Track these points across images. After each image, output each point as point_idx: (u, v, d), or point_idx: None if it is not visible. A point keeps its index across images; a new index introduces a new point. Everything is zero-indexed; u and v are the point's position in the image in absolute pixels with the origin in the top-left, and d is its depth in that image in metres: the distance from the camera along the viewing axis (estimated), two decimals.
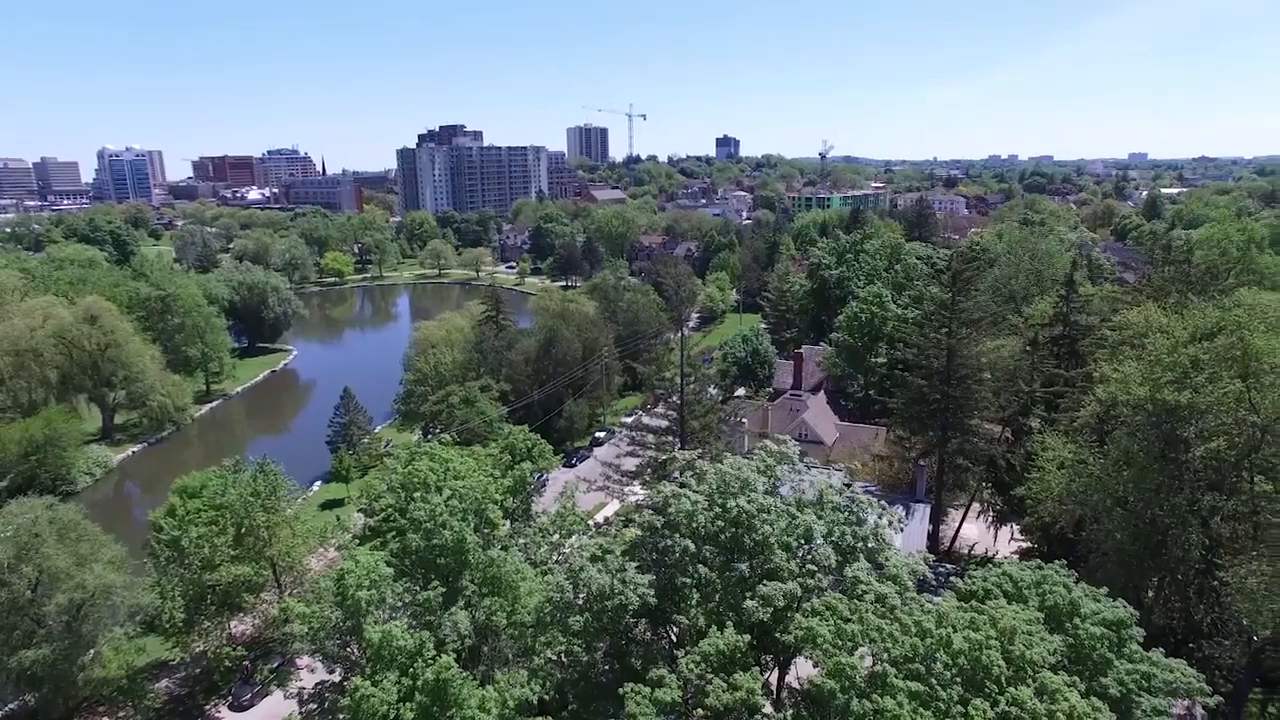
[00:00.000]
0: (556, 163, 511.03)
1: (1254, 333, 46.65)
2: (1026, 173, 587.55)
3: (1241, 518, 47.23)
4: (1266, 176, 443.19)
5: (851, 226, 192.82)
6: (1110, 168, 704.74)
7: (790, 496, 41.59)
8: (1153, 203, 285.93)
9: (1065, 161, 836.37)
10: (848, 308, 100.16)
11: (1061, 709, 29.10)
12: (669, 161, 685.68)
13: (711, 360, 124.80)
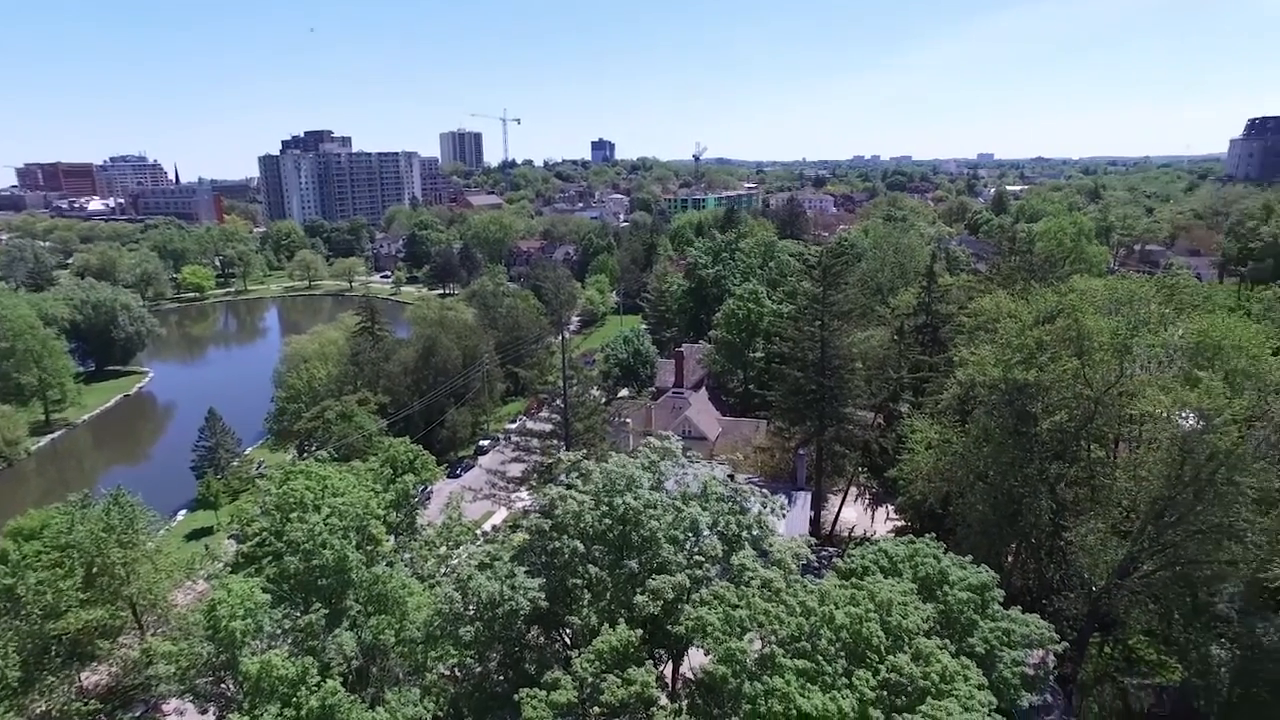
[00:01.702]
0: (430, 169, 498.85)
1: (1085, 315, 51.02)
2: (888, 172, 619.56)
3: (1081, 482, 51.61)
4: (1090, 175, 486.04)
5: (726, 226, 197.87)
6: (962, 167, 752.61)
7: (676, 491, 42.26)
8: (999, 199, 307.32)
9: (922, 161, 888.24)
10: (725, 305, 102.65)
11: (935, 670, 30.94)
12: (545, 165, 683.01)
13: (594, 362, 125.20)
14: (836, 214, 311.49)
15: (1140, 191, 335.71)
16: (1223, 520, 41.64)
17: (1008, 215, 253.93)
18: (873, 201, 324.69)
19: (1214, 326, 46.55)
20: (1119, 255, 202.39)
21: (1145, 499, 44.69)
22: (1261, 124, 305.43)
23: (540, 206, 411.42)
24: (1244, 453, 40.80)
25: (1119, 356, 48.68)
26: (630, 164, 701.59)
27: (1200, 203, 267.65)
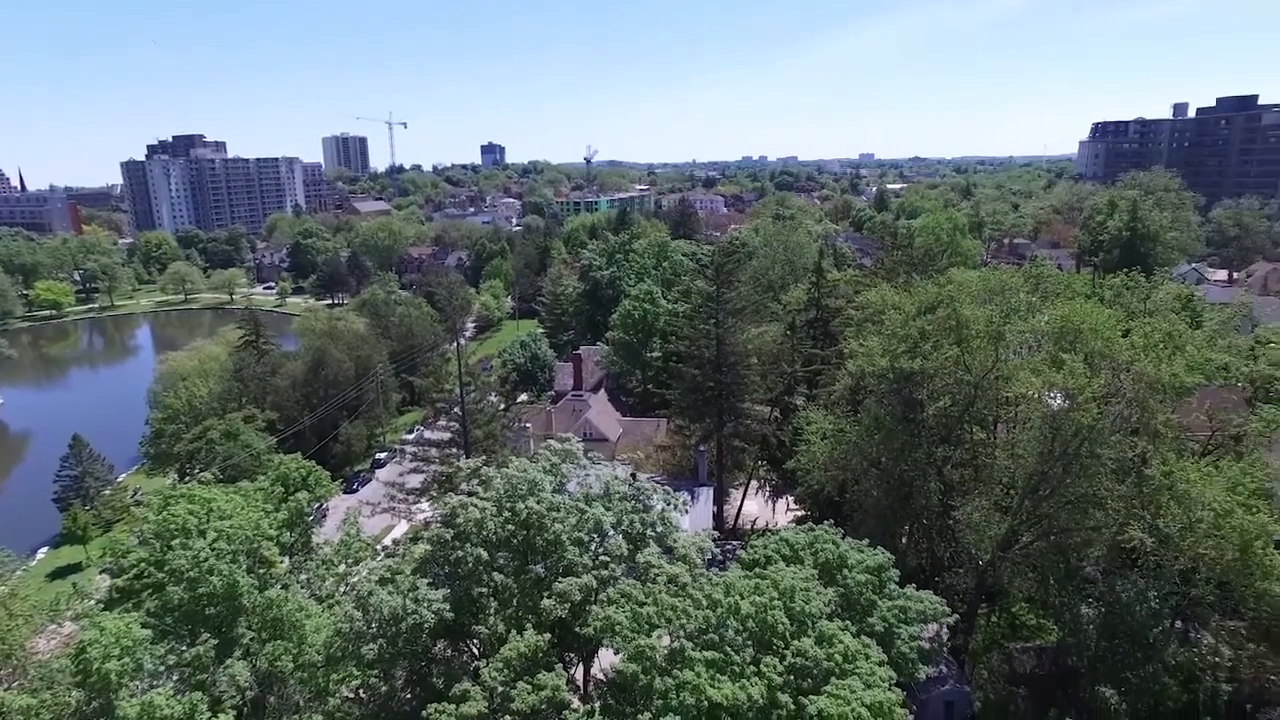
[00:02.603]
0: (313, 175, 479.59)
1: (963, 305, 53.93)
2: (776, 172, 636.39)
3: (966, 463, 54.59)
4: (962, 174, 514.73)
5: (619, 228, 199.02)
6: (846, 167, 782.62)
7: (578, 493, 42.16)
8: (881, 197, 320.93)
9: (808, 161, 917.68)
10: (621, 306, 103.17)
11: (838, 651, 32.03)
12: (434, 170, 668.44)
13: (491, 368, 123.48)
14: (727, 214, 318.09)
15: (1006, 189, 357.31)
16: (1088, 490, 44.89)
17: (889, 212, 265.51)
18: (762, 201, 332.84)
19: (1074, 312, 49.95)
20: (990, 248, 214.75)
21: (1022, 475, 47.64)
22: (1103, 128, 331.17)
23: (431, 212, 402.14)
24: (1103, 427, 44.08)
25: (994, 343, 51.74)
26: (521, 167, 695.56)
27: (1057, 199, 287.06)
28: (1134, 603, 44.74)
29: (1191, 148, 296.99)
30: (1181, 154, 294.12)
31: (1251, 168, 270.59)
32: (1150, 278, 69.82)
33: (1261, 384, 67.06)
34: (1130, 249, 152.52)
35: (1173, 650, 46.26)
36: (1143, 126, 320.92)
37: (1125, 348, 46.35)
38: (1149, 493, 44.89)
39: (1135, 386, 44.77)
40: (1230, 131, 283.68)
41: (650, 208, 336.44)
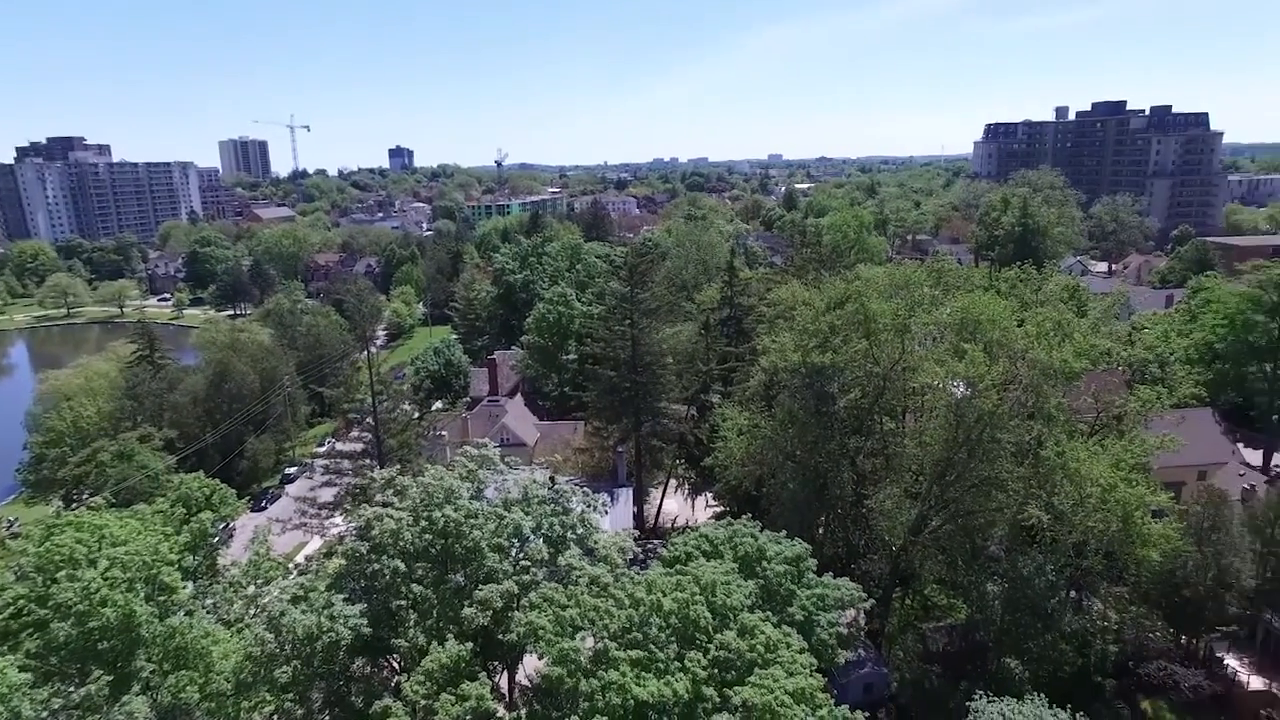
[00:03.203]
0: (210, 180, 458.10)
1: (870, 299, 55.70)
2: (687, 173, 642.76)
3: (877, 453, 56.36)
4: (866, 173, 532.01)
5: (532, 231, 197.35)
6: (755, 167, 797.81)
7: (497, 499, 41.68)
8: (790, 196, 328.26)
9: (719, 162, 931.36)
10: (535, 310, 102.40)
11: (760, 642, 32.58)
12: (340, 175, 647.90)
13: (404, 376, 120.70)
14: (640, 215, 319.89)
15: (908, 187, 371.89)
16: (990, 473, 47.05)
17: (798, 211, 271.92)
18: (674, 202, 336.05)
19: (973, 304, 52.27)
20: (895, 245, 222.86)
21: (930, 462, 49.59)
22: (995, 129, 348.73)
23: (337, 218, 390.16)
24: (1002, 413, 46.30)
25: (900, 335, 53.62)
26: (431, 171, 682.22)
27: (955, 197, 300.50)
28: (1033, 577, 47.19)
29: (1073, 148, 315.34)
30: (1064, 154, 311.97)
31: (1123, 167, 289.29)
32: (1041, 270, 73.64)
33: (1138, 367, 71.80)
34: (1022, 243, 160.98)
35: (1068, 619, 49.05)
36: (1030, 128, 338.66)
37: (1020, 336, 48.83)
38: (1044, 473, 47.43)
39: (1030, 373, 47.18)
40: (1104, 134, 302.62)
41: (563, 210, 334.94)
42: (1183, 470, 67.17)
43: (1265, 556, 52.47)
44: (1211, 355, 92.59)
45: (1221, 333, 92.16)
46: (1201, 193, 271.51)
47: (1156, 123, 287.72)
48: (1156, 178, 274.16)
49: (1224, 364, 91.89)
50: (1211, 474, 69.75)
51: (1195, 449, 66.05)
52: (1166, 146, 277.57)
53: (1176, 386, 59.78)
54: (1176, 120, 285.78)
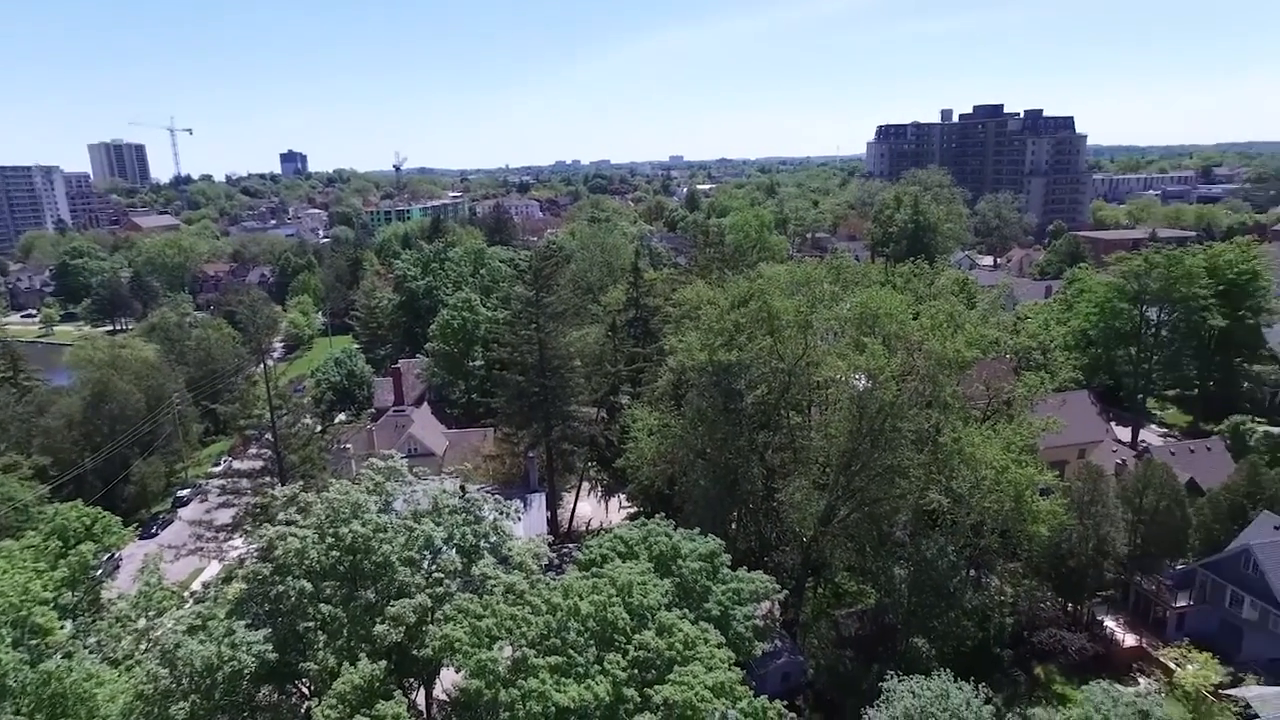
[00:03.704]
0: (80, 186, 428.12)
1: (773, 297, 57.01)
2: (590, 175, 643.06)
3: (785, 447, 57.69)
4: (766, 173, 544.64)
5: (434, 236, 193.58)
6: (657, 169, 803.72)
7: (406, 511, 40.59)
8: (692, 197, 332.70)
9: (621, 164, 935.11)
10: (440, 316, 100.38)
11: (678, 640, 32.83)
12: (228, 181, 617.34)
13: (304, 389, 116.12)
14: (543, 218, 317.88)
15: (807, 187, 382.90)
16: (893, 461, 48.89)
17: (700, 212, 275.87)
18: (577, 204, 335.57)
19: (871, 299, 54.27)
20: (795, 243, 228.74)
21: (836, 453, 51.12)
22: (886, 130, 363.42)
23: (227, 226, 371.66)
24: (902, 403, 48.22)
25: (803, 331, 55.13)
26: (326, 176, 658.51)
27: (851, 196, 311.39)
28: (936, 559, 49.30)
29: (958, 149, 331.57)
30: (951, 154, 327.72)
31: (1003, 166, 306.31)
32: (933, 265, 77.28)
33: (1023, 354, 75.89)
34: (915, 239, 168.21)
35: (969, 596, 51.52)
36: (918, 130, 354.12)
37: (916, 329, 50.97)
38: (943, 458, 49.66)
39: (927, 363, 49.29)
40: (985, 135, 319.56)
41: (465, 214, 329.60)
42: (1065, 450, 71.48)
43: (1135, 525, 56.62)
44: (1086, 341, 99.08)
45: (1093, 320, 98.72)
46: (1071, 190, 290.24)
47: (1030, 125, 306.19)
48: (1033, 176, 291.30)
49: (1096, 349, 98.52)
50: (1089, 452, 74.45)
51: (1075, 429, 70.48)
52: (1040, 147, 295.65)
53: (1057, 372, 63.71)
54: (1047, 123, 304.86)
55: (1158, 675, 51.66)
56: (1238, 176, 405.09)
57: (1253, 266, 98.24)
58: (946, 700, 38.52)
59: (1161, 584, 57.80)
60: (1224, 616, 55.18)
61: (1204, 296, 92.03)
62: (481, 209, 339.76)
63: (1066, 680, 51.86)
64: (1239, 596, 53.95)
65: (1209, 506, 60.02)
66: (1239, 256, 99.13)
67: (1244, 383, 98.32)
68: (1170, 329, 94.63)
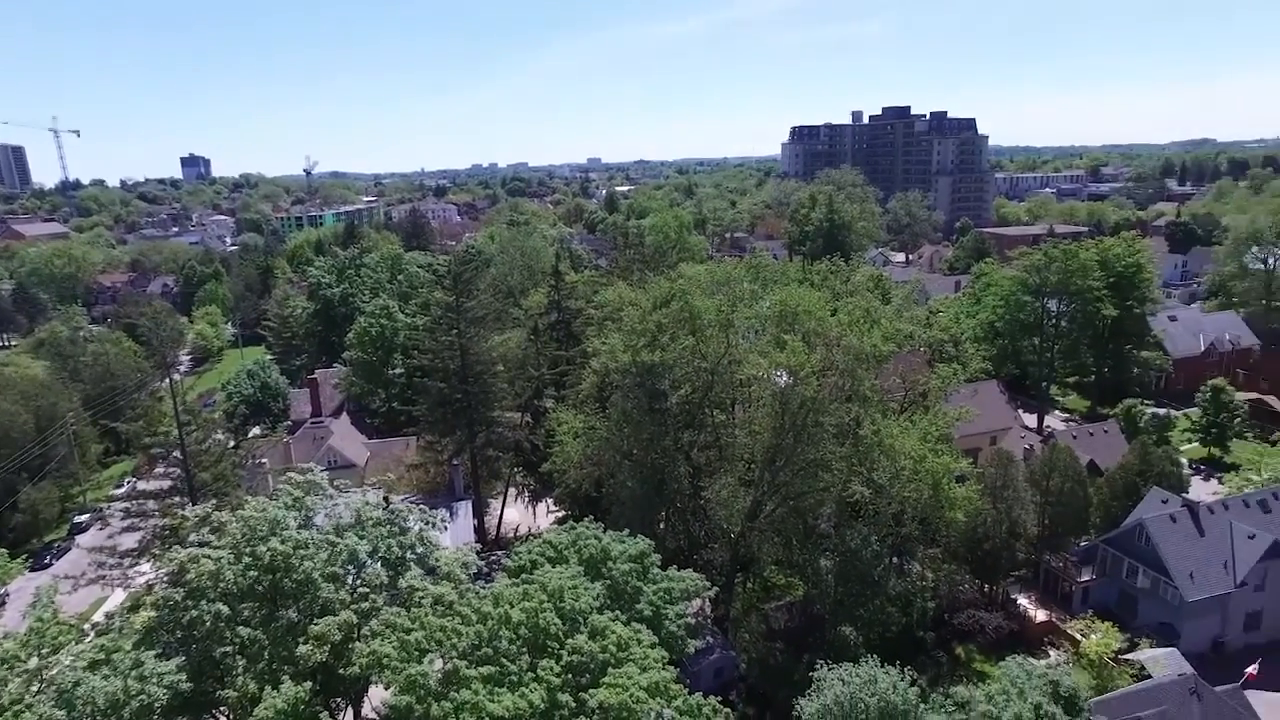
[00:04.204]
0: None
1: (694, 297, 57.55)
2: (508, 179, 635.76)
3: (710, 445, 58.33)
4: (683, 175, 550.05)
5: (348, 242, 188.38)
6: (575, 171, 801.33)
7: (328, 525, 39.34)
8: (611, 199, 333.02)
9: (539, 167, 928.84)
10: (356, 324, 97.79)
11: (611, 642, 32.76)
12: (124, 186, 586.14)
13: (213, 403, 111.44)
14: (461, 222, 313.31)
15: (724, 188, 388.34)
16: (816, 455, 49.99)
17: (620, 214, 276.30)
18: (495, 208, 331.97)
19: (790, 297, 55.38)
20: (714, 243, 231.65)
21: (760, 449, 51.93)
22: (800, 131, 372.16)
23: (123, 234, 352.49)
24: (823, 398, 49.31)
25: (725, 330, 55.83)
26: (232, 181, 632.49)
27: (767, 195, 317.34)
28: (861, 548, 50.64)
29: (868, 149, 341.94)
30: (862, 154, 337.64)
31: (912, 166, 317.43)
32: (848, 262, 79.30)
33: (936, 347, 78.78)
34: (830, 237, 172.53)
35: (892, 583, 53.10)
36: (831, 130, 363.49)
37: (834, 325, 52.21)
38: (864, 450, 51.01)
39: (845, 358, 50.56)
40: (894, 136, 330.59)
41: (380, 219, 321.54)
42: (977, 437, 74.51)
43: (1043, 506, 59.45)
44: (993, 333, 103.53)
45: (1000, 313, 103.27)
46: (976, 189, 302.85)
47: (936, 126, 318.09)
48: (940, 175, 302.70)
49: (1003, 340, 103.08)
50: (1000, 438, 77.83)
51: (986, 418, 73.48)
52: (945, 148, 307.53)
53: (969, 363, 66.17)
54: (952, 124, 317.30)
55: (1066, 646, 54.30)
56: (1121, 176, 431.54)
57: (1138, 260, 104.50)
58: (874, 685, 39.57)
59: (1068, 561, 60.81)
60: (1122, 587, 58.45)
61: (1097, 288, 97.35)
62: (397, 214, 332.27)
63: (985, 658, 53.99)
64: (1134, 568, 57.23)
65: (1107, 486, 63.45)
66: (1126, 250, 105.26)
67: (1134, 368, 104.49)
68: (1069, 319, 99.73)
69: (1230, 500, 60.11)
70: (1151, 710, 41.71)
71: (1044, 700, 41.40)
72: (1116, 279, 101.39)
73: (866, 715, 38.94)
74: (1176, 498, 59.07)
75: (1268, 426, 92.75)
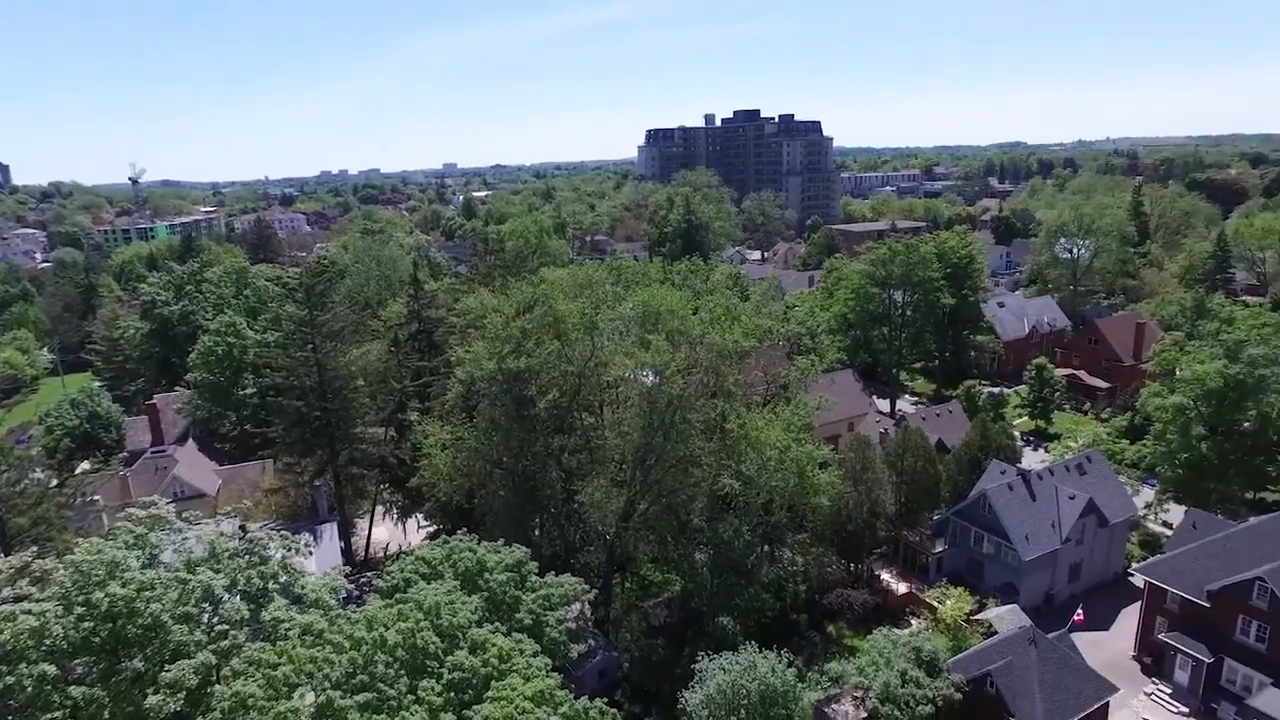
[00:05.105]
0: None
1: (557, 301, 57.38)
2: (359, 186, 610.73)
3: (581, 449, 58.33)
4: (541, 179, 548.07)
5: (186, 256, 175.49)
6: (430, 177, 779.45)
7: (177, 561, 36.44)
8: (469, 205, 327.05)
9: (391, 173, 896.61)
10: (200, 343, 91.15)
11: (493, 655, 32.13)
12: None
13: (29, 439, 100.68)
14: (311, 232, 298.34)
15: (583, 191, 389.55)
16: (685, 452, 51.01)
17: (478, 219, 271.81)
18: (348, 217, 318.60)
19: (652, 297, 56.28)
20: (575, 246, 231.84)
21: (630, 450, 52.42)
22: (655, 134, 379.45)
23: None
24: (689, 395, 50.41)
25: (589, 333, 55.97)
26: (40, 190, 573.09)
27: (626, 198, 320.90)
28: (733, 540, 52.10)
29: (722, 151, 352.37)
30: (716, 156, 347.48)
31: (764, 167, 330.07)
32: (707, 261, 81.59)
33: (794, 340, 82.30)
34: (689, 238, 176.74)
35: (765, 570, 54.97)
36: (685, 133, 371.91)
37: (697, 323, 53.48)
38: (731, 444, 52.53)
39: (709, 355, 51.91)
40: (746, 138, 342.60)
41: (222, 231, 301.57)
42: (836, 425, 78.32)
43: (899, 485, 63.27)
44: (846, 324, 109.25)
45: (851, 305, 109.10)
46: (824, 188, 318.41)
47: (784, 129, 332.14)
48: (790, 176, 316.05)
49: (855, 331, 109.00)
50: (857, 424, 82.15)
51: (844, 405, 77.49)
52: (794, 149, 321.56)
53: (825, 354, 69.67)
54: (799, 127, 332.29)
55: (925, 614, 57.98)
56: (952, 175, 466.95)
57: (970, 252, 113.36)
58: (754, 671, 40.87)
59: (923, 534, 64.98)
60: (970, 554, 63.09)
61: (936, 279, 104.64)
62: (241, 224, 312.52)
63: (855, 633, 56.81)
64: (980, 535, 61.92)
65: (954, 462, 68.27)
66: (959, 243, 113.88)
67: (971, 352, 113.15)
68: (913, 309, 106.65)
69: (1055, 466, 66.19)
70: (999, 662, 45.31)
71: (909, 666, 44.16)
72: (953, 270, 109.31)
73: (748, 700, 40.17)
74: (1012, 468, 64.30)
75: (1081, 399, 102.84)
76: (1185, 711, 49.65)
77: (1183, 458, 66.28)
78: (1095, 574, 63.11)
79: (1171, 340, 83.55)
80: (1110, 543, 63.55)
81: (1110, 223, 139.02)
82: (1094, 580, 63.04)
